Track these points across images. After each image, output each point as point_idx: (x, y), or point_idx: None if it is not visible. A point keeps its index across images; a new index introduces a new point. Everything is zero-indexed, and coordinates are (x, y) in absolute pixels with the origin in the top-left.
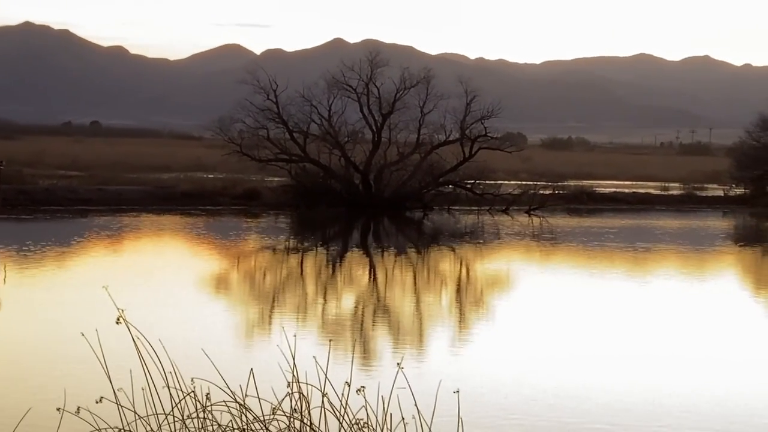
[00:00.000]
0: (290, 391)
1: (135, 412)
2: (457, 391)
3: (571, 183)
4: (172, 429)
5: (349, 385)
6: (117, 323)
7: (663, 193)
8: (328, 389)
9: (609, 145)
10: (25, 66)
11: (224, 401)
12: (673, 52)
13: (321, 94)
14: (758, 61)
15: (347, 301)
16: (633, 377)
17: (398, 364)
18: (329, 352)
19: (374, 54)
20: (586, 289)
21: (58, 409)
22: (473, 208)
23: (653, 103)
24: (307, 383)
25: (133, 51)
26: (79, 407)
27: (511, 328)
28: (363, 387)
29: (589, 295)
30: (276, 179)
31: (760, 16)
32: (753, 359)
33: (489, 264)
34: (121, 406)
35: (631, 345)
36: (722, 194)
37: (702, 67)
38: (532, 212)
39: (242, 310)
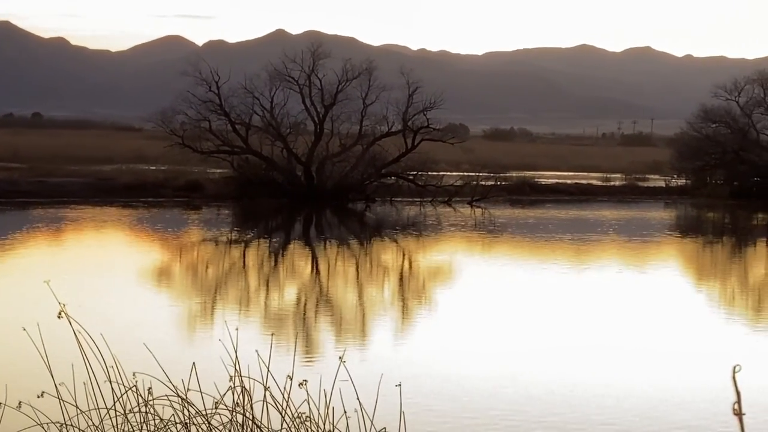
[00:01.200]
0: (232, 385)
1: (77, 407)
2: (399, 384)
3: (514, 174)
4: (114, 423)
5: (291, 379)
6: (59, 317)
7: (605, 183)
8: (271, 383)
9: (551, 136)
10: None
11: (166, 395)
12: (614, 44)
13: (263, 85)
14: (699, 53)
15: (290, 293)
16: (574, 368)
17: (340, 357)
18: (271, 346)
19: (316, 45)
20: (527, 280)
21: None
22: (416, 199)
23: (595, 94)
24: (249, 377)
25: (74, 42)
26: (20, 402)
27: (453, 319)
28: (305, 380)
29: (531, 286)
30: (218, 171)
31: (701, 8)
32: (690, 351)
33: (431, 255)
34: (63, 401)
35: (571, 336)
36: (664, 185)
37: (643, 58)
38: (474, 203)
39: (184, 304)
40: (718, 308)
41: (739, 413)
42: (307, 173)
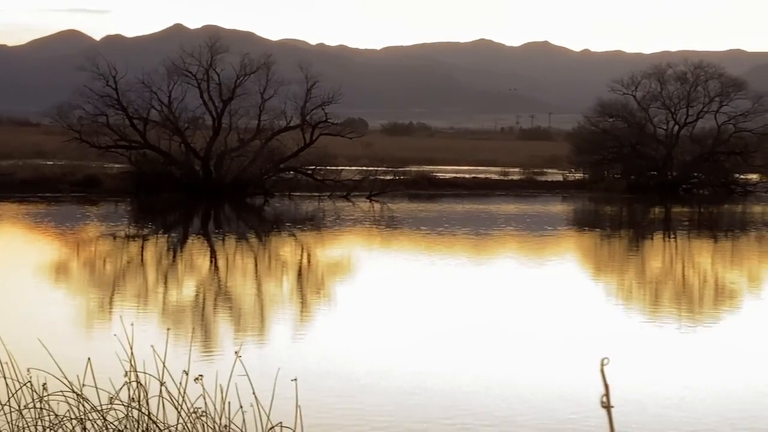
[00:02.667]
0: (128, 381)
1: None
2: (296, 379)
3: (412, 168)
4: (9, 419)
5: (187, 374)
6: None
7: (503, 178)
8: (167, 378)
9: (450, 131)
10: None
11: (61, 391)
12: (512, 38)
13: (161, 80)
14: (597, 47)
15: (187, 288)
16: (471, 361)
17: (236, 352)
18: (167, 341)
19: (214, 40)
20: (426, 275)
21: None
22: (314, 194)
23: (493, 89)
24: (145, 372)
25: None
26: None
27: (351, 314)
28: (201, 375)
29: (429, 280)
30: (116, 166)
31: (598, 3)
32: (584, 343)
33: (330, 250)
34: None
35: (469, 330)
36: (561, 179)
37: (541, 52)
38: (373, 198)
39: (80, 299)
40: (615, 301)
41: (607, 406)
42: (206, 168)
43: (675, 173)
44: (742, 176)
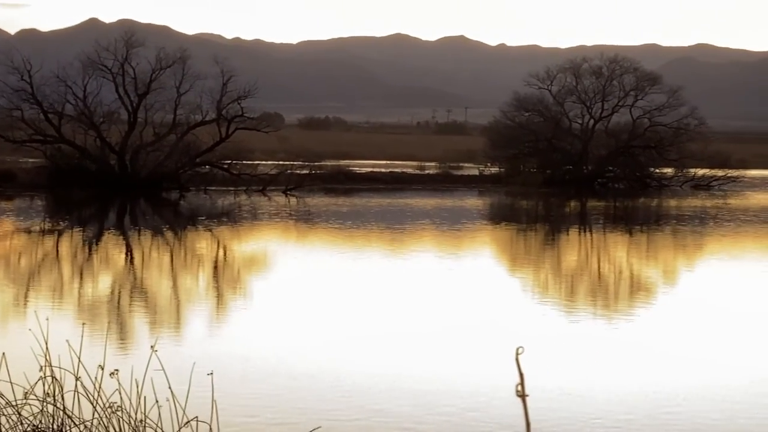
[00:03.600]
0: (43, 376)
1: None
2: (211, 373)
3: (329, 163)
4: None
5: (103, 369)
6: None
7: (419, 172)
8: (82, 373)
9: (366, 125)
10: None
11: None
12: (429, 32)
13: (76, 74)
14: (512, 41)
15: (103, 283)
16: (388, 356)
17: (152, 346)
18: (82, 336)
19: (130, 34)
20: (343, 269)
21: None
22: (230, 188)
23: (410, 83)
24: (60, 367)
25: None
26: None
27: (267, 309)
28: (117, 370)
29: (346, 274)
30: (31, 160)
31: None
32: (502, 334)
33: (246, 245)
34: None
35: (386, 324)
36: (478, 173)
37: (457, 47)
38: (289, 192)
39: None
40: (530, 295)
41: (522, 395)
42: (121, 162)
43: (590, 167)
44: (657, 170)
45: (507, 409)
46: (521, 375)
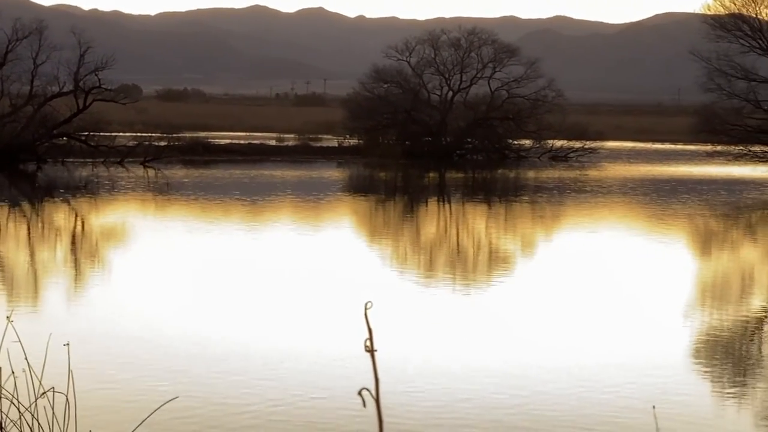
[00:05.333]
0: None
1: None
2: (68, 344)
3: (187, 135)
4: None
5: None
6: None
7: (278, 144)
8: None
9: (224, 97)
10: None
11: None
12: (287, 4)
13: None
14: (371, 13)
15: None
16: (246, 325)
17: (8, 317)
18: None
19: None
20: (201, 241)
21: None
22: (88, 160)
23: (268, 55)
24: None
25: None
26: None
27: (125, 280)
28: None
29: (204, 246)
30: None
31: None
32: (360, 305)
33: (104, 217)
34: None
35: (243, 295)
36: (337, 145)
37: (316, 18)
38: (147, 164)
39: None
40: (389, 267)
41: (371, 350)
42: None
43: (449, 139)
44: (515, 142)
45: (353, 368)
46: (370, 330)
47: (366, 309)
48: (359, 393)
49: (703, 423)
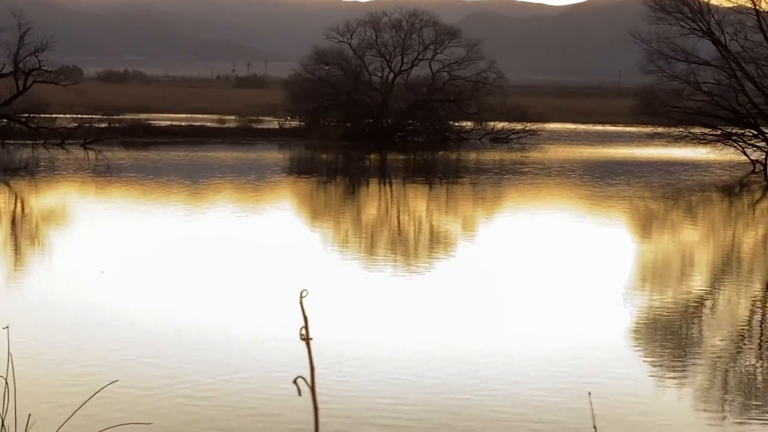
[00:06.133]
0: None
1: None
2: (7, 327)
3: (128, 116)
4: None
5: None
6: None
7: (219, 126)
8: None
9: (166, 79)
10: None
11: None
12: None
13: None
14: None
15: None
16: (178, 307)
17: None
18: None
19: None
20: (141, 223)
21: None
22: (28, 142)
23: (210, 37)
24: None
25: None
26: None
27: (65, 262)
28: None
29: (145, 228)
30: None
31: None
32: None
33: (44, 199)
34: None
35: (180, 274)
36: (278, 127)
37: (258, 1)
38: (87, 146)
39: None
40: (331, 248)
41: (306, 338)
42: None
43: (390, 120)
44: (456, 123)
45: (292, 353)
46: (305, 318)
47: (301, 297)
48: (294, 381)
49: (641, 404)
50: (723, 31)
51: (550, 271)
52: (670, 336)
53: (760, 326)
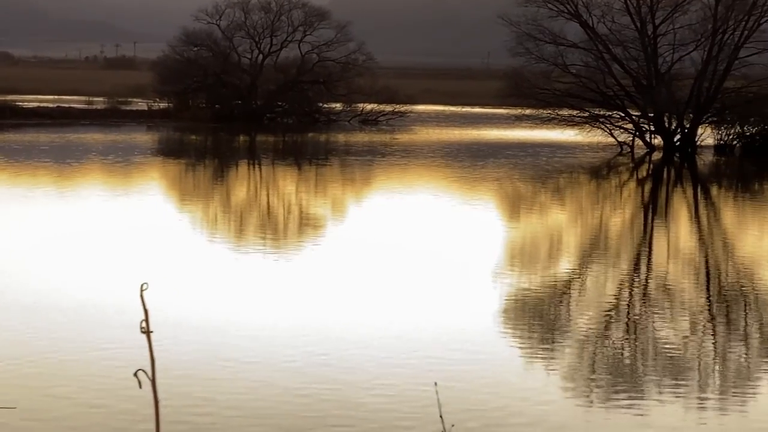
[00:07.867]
0: None
1: None
2: None
3: None
4: None
5: None
6: None
7: (88, 107)
8: None
9: (33, 60)
10: None
11: None
12: None
13: None
14: None
15: None
16: (58, 279)
17: None
18: None
19: None
20: (6, 207)
21: None
22: None
23: (77, 17)
24: None
25: None
26: None
27: None
28: None
29: (10, 213)
30: None
31: None
32: (160, 271)
33: None
34: None
35: (51, 262)
36: (146, 108)
37: None
38: None
39: None
40: (199, 231)
41: (147, 331)
42: None
43: (260, 102)
44: (325, 105)
45: (136, 341)
46: (146, 311)
47: (142, 290)
48: (135, 374)
49: (509, 387)
50: (590, 13)
51: (417, 253)
52: (538, 318)
53: (627, 307)
